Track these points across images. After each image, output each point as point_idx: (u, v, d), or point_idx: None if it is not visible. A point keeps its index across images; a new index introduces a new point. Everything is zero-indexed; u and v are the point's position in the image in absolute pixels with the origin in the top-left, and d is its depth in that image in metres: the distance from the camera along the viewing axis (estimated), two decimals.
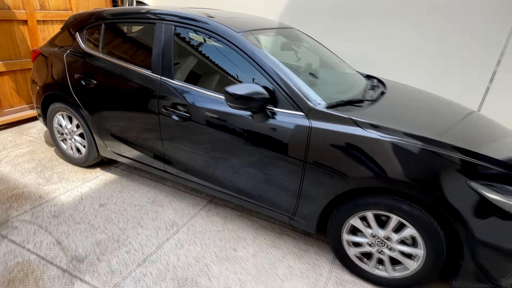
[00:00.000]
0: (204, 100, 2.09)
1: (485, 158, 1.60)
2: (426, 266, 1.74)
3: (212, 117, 2.06)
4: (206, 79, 2.20)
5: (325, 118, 1.81)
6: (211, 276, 1.91)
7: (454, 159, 1.58)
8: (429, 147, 1.61)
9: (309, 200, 1.93)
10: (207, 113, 2.07)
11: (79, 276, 1.84)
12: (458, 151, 1.60)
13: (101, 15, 2.60)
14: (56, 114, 2.90)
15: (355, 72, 2.86)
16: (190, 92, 2.14)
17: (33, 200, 2.48)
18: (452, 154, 1.59)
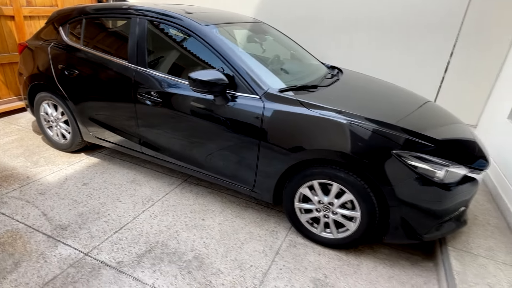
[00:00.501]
0: (173, 86, 2.35)
1: (405, 131, 1.89)
2: (362, 226, 2.03)
3: (180, 101, 2.32)
4: (176, 67, 2.45)
5: (277, 100, 2.08)
6: (179, 240, 2.18)
7: (381, 133, 1.86)
8: (360, 123, 1.89)
9: (265, 173, 2.20)
10: (176, 97, 2.33)
11: (62, 240, 2.10)
12: (388, 127, 1.89)
13: (82, 10, 2.83)
14: (42, 103, 3.13)
15: (318, 62, 3.14)
16: (161, 79, 2.39)
17: (21, 180, 2.72)
18: (380, 129, 1.87)
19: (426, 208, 1.89)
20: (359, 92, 2.53)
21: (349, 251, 2.20)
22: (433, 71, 3.72)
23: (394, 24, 3.74)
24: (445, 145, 1.96)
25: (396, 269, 2.09)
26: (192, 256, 2.06)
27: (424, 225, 1.94)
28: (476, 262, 2.01)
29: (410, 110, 2.29)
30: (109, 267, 1.92)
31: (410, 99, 2.57)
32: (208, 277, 1.91)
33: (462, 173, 1.93)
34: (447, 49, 3.58)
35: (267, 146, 2.11)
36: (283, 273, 1.98)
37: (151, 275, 1.89)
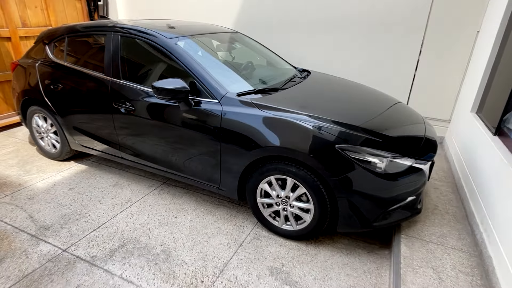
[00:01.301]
0: (143, 94, 2.56)
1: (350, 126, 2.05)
2: (316, 217, 2.17)
3: (150, 108, 2.53)
4: (146, 77, 2.66)
5: (234, 103, 2.27)
6: (151, 236, 2.37)
7: (324, 129, 2.02)
8: (305, 121, 2.06)
9: (228, 172, 2.37)
10: (146, 105, 2.54)
11: (44, 239, 2.31)
12: (333, 123, 2.05)
13: (64, 29, 3.09)
14: (33, 115, 3.38)
15: (289, 66, 3.32)
16: (133, 89, 2.61)
17: (13, 187, 2.96)
18: (321, 124, 2.03)
19: (371, 197, 2.02)
20: (319, 93, 2.69)
21: (309, 242, 2.34)
22: (404, 70, 3.84)
23: (362, 25, 3.90)
24: (393, 140, 2.11)
25: (352, 257, 2.22)
26: (161, 249, 2.23)
27: (371, 214, 2.07)
28: (425, 247, 2.12)
29: (368, 109, 2.44)
30: (83, 261, 2.11)
31: (370, 97, 2.71)
32: (172, 268, 2.08)
33: (406, 164, 2.07)
34: (415, 48, 3.71)
35: (227, 146, 2.29)
36: (243, 263, 2.14)
37: (120, 267, 2.07)
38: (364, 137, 2.03)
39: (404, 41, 3.74)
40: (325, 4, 4.02)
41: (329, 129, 2.03)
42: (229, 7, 4.67)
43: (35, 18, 4.49)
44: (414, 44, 3.70)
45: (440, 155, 3.56)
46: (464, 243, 2.17)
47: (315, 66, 4.09)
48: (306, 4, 4.13)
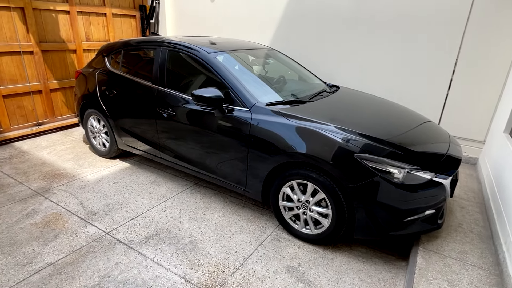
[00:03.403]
0: (183, 101, 2.87)
1: (373, 139, 2.17)
2: (334, 222, 2.28)
3: (188, 114, 2.83)
4: (187, 86, 2.99)
5: (262, 112, 2.49)
6: (181, 228, 2.61)
7: (344, 139, 2.16)
8: (329, 131, 2.21)
9: (254, 175, 2.57)
10: (185, 111, 2.84)
11: (91, 222, 2.64)
12: (354, 134, 2.19)
13: (121, 44, 3.55)
14: (89, 117, 3.87)
15: (319, 82, 3.50)
16: (175, 96, 2.94)
17: (68, 178, 3.39)
18: (342, 135, 2.18)
19: (388, 206, 2.10)
20: (345, 106, 2.83)
21: (327, 247, 2.44)
22: (436, 89, 3.84)
23: (395, 43, 3.98)
24: (414, 154, 2.19)
25: (368, 265, 2.28)
26: (189, 240, 2.46)
27: (388, 223, 2.14)
28: (443, 261, 2.14)
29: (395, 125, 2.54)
30: (122, 244, 2.40)
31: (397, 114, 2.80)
32: (197, 257, 2.29)
33: (426, 177, 2.13)
34: (449, 66, 3.71)
35: (254, 151, 2.50)
36: (261, 259, 2.29)
37: (152, 252, 2.32)
38: (387, 150, 2.14)
39: (437, 60, 3.76)
40: (358, 21, 4.18)
41: (349, 139, 2.16)
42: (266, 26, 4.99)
43: (97, 34, 5.13)
44: (447, 62, 3.71)
45: (472, 176, 3.48)
46: (486, 261, 2.15)
47: (346, 83, 4.22)
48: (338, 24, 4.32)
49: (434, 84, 3.83)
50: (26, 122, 4.52)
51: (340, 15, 4.28)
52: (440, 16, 3.63)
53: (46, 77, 4.60)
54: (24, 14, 4.18)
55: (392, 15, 3.91)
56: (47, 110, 4.72)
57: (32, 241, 2.40)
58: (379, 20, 4.02)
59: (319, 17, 4.45)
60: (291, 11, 4.66)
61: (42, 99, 4.64)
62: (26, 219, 2.67)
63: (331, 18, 4.36)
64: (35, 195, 3.03)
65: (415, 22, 3.80)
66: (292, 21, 4.71)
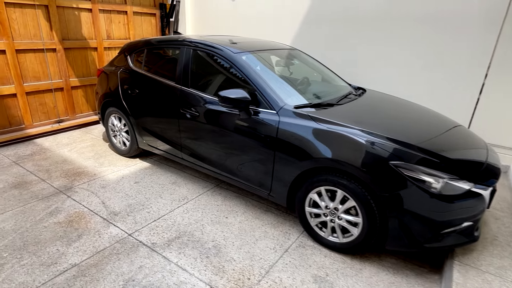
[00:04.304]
0: (208, 102, 2.82)
1: (405, 144, 2.07)
2: (364, 231, 2.19)
3: (213, 115, 2.77)
4: (211, 86, 2.93)
5: (291, 115, 2.41)
6: (204, 232, 2.56)
7: (378, 145, 2.06)
8: (361, 136, 2.12)
9: (279, 179, 2.50)
10: (210, 112, 2.79)
11: (113, 223, 2.62)
12: (387, 140, 2.09)
13: (145, 42, 3.53)
14: (110, 116, 3.86)
15: (344, 83, 3.40)
16: (199, 96, 2.89)
17: (89, 176, 3.39)
18: (376, 140, 2.08)
19: (424, 217, 2.00)
20: (374, 110, 2.73)
21: (355, 256, 2.35)
22: (467, 93, 3.69)
23: (425, 45, 3.84)
24: (451, 162, 2.08)
25: (399, 277, 2.18)
26: (212, 245, 2.41)
27: (423, 234, 2.04)
28: (481, 277, 2.02)
29: (426, 129, 2.43)
30: (145, 246, 2.37)
31: (428, 118, 2.69)
32: (222, 263, 2.24)
33: (464, 188, 2.02)
34: (481, 71, 3.55)
35: (281, 155, 2.42)
36: (288, 267, 2.22)
37: (176, 256, 2.28)
38: (420, 156, 2.04)
39: (469, 63, 3.61)
40: (385, 22, 4.05)
41: (383, 145, 2.07)
42: (288, 25, 4.90)
43: (117, 32, 5.14)
44: (480, 65, 3.55)
45: (504, 185, 3.32)
46: None
47: (372, 85, 4.10)
48: (364, 25, 4.20)
49: (465, 88, 3.67)
50: (48, 119, 4.57)
51: (367, 15, 4.16)
52: (473, 17, 3.48)
53: (67, 75, 4.63)
54: (48, 11, 4.21)
55: (420, 15, 3.77)
56: (68, 107, 4.76)
57: (56, 241, 2.39)
58: (407, 21, 3.89)
59: (344, 18, 4.34)
60: (316, 11, 4.56)
61: (63, 97, 4.67)
62: (49, 217, 2.66)
63: (357, 19, 4.25)
64: (57, 193, 3.03)
65: (446, 22, 3.65)
66: (316, 21, 4.61)
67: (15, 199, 2.92)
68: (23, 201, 2.88)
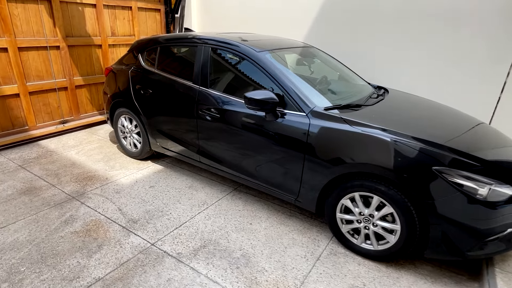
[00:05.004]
0: (230, 103, 2.69)
1: (443, 147, 1.98)
2: (402, 239, 2.10)
3: (236, 117, 2.65)
4: (233, 87, 2.80)
5: (322, 117, 2.30)
6: (229, 240, 2.45)
7: (420, 149, 1.97)
8: (399, 140, 2.02)
9: (309, 185, 2.39)
10: (232, 114, 2.67)
11: (133, 231, 2.49)
12: (422, 142, 1.99)
13: (157, 40, 3.37)
14: (120, 117, 3.70)
15: (364, 82, 3.30)
16: (220, 98, 2.75)
17: (101, 181, 3.25)
18: (416, 144, 1.98)
19: (468, 225, 1.92)
20: (402, 111, 2.64)
21: (389, 264, 2.27)
22: (487, 92, 3.62)
23: (444, 40, 3.75)
24: (493, 165, 1.99)
25: (438, 286, 2.11)
26: (240, 254, 2.30)
27: (466, 243, 1.96)
28: None
29: (455, 129, 2.34)
30: (170, 256, 2.25)
31: (453, 118, 2.60)
32: (254, 273, 2.13)
33: (509, 193, 1.94)
34: (503, 69, 3.48)
35: (311, 159, 2.31)
36: (323, 278, 2.13)
37: (205, 267, 2.17)
38: (465, 161, 1.94)
39: (491, 60, 3.53)
40: (404, 19, 3.95)
41: (424, 149, 1.97)
42: (296, 22, 4.77)
43: (122, 28, 4.95)
44: (502, 63, 3.47)
45: None
46: None
47: (390, 83, 4.01)
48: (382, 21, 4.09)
49: (486, 86, 3.60)
50: (52, 120, 4.39)
51: (384, 11, 4.05)
52: (496, 13, 3.40)
53: (71, 73, 4.44)
54: (51, 7, 4.02)
55: (441, 11, 3.68)
56: (72, 107, 4.58)
57: (76, 252, 2.25)
58: (426, 17, 3.79)
59: (360, 13, 4.23)
60: (331, 4, 4.44)
61: (67, 96, 4.49)
62: (65, 226, 2.52)
63: (374, 13, 4.14)
64: (70, 200, 2.89)
65: (468, 18, 3.56)
66: (331, 16, 4.48)
67: (26, 206, 2.77)
68: (35, 209, 2.73)
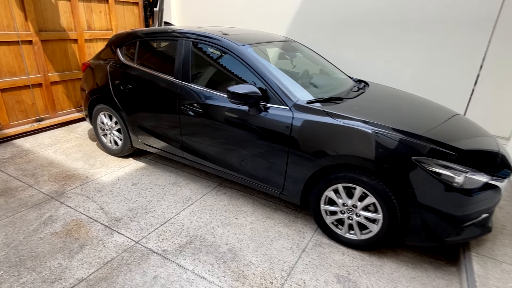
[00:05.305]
0: (212, 98, 2.67)
1: (422, 138, 2.04)
2: (384, 228, 2.16)
3: (219, 112, 2.63)
4: (215, 82, 2.78)
5: (305, 111, 2.32)
6: (215, 235, 2.44)
7: (400, 140, 2.02)
8: (380, 131, 2.07)
9: (293, 177, 2.42)
10: (215, 108, 2.64)
11: (117, 230, 2.44)
12: (402, 133, 2.05)
13: (136, 34, 3.29)
14: (99, 113, 3.60)
15: (345, 76, 3.34)
16: (203, 93, 2.72)
17: (81, 179, 3.15)
18: (397, 136, 2.04)
19: (446, 212, 1.99)
20: (382, 103, 2.70)
21: (372, 253, 2.33)
22: (462, 84, 3.76)
23: (420, 36, 3.86)
24: (468, 154, 2.07)
25: (419, 271, 2.19)
26: (227, 249, 2.30)
27: (444, 229, 2.04)
28: (499, 267, 2.06)
29: (433, 121, 2.42)
30: (156, 254, 2.22)
31: (431, 109, 2.69)
32: (241, 267, 2.14)
33: (483, 180, 2.02)
34: (476, 62, 3.62)
35: (295, 152, 2.33)
36: (308, 268, 2.16)
37: (191, 263, 2.15)
38: (439, 150, 2.01)
39: (464, 54, 3.66)
40: (383, 13, 4.03)
41: (404, 140, 2.03)
42: (276, 16, 4.77)
43: (99, 22, 4.79)
44: (475, 57, 3.61)
45: None
46: None
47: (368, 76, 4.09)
48: (362, 13, 4.16)
49: (461, 79, 3.74)
50: (26, 118, 4.21)
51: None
52: (470, 11, 3.52)
53: (46, 69, 4.26)
54: (22, 0, 3.82)
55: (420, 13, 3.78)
56: (48, 104, 4.40)
57: (56, 253, 2.19)
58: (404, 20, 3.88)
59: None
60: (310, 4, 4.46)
61: (42, 93, 4.31)
62: (44, 227, 2.44)
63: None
64: (49, 200, 2.79)
65: (443, 16, 3.67)
66: (312, 15, 4.51)
67: (1, 208, 2.65)
68: (11, 211, 2.63)
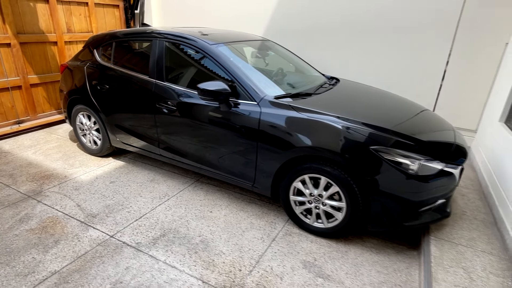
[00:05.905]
0: (185, 95, 2.75)
1: (382, 129, 2.16)
2: (348, 215, 2.27)
3: (191, 109, 2.71)
4: (188, 79, 2.86)
5: (272, 105, 2.42)
6: (189, 227, 2.52)
7: (358, 131, 2.14)
8: (340, 123, 2.18)
9: (263, 170, 2.52)
10: (188, 106, 2.73)
11: (92, 225, 2.50)
12: (366, 126, 2.17)
13: (112, 35, 3.35)
14: (78, 114, 3.64)
15: (318, 74, 3.47)
16: (176, 90, 2.81)
17: (60, 179, 3.19)
18: (359, 128, 2.15)
19: (403, 198, 2.12)
20: (350, 98, 2.82)
21: (339, 240, 2.44)
22: (430, 80, 3.92)
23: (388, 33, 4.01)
24: (426, 145, 2.20)
25: (382, 256, 2.30)
26: (199, 240, 2.38)
27: (403, 214, 2.16)
28: (455, 249, 2.19)
29: (398, 114, 2.54)
30: (129, 247, 2.29)
31: (398, 104, 2.82)
32: (211, 257, 2.22)
33: (437, 167, 2.15)
34: (442, 58, 3.78)
35: (264, 146, 2.43)
36: (277, 256, 2.26)
37: (163, 254, 2.23)
38: (396, 140, 2.14)
39: (431, 51, 3.83)
40: (350, 11, 4.17)
41: (362, 131, 2.15)
42: (255, 17, 4.88)
43: (79, 25, 4.83)
44: (441, 54, 3.78)
45: (466, 164, 3.58)
46: (494, 247, 2.22)
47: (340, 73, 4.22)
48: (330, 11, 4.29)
49: (429, 75, 3.90)
50: (6, 120, 4.22)
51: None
52: (434, 7, 3.68)
53: (25, 72, 4.29)
54: None
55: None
56: (28, 107, 4.42)
57: (31, 249, 2.24)
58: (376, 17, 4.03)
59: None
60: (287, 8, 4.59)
61: (22, 95, 4.33)
62: (20, 225, 2.48)
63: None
64: (26, 199, 2.83)
65: (410, 12, 3.83)
66: (288, 17, 4.63)
67: None
68: None
